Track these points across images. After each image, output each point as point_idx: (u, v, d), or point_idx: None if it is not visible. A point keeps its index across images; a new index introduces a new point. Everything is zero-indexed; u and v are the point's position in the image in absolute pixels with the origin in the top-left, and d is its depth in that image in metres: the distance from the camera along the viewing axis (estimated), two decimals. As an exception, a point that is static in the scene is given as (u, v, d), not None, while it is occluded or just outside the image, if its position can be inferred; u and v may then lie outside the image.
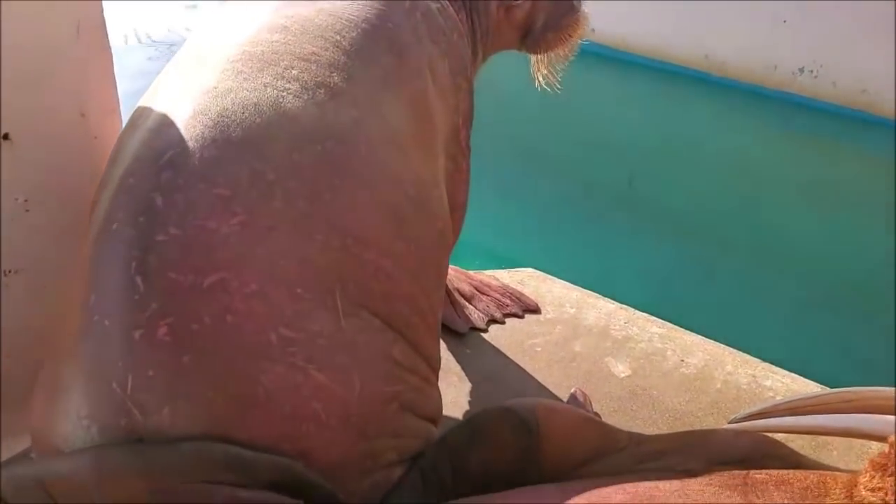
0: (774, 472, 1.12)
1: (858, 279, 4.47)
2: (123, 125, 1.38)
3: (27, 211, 1.53)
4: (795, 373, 2.17)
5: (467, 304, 2.32)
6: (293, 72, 1.31)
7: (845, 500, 0.99)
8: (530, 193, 5.43)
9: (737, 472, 1.13)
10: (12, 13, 1.38)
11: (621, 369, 2.15)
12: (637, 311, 2.45)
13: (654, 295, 2.56)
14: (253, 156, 1.19)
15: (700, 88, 8.04)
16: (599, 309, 2.45)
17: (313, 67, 1.34)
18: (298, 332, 1.11)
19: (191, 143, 1.17)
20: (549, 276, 2.64)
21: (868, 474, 1.03)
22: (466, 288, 2.38)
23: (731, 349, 2.29)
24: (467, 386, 2.02)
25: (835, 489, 1.02)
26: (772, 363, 2.22)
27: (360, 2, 1.54)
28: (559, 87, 2.36)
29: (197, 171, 1.14)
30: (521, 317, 2.36)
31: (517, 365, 2.11)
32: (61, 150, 1.55)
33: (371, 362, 1.20)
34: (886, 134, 6.86)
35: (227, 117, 1.21)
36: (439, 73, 1.69)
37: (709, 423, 1.93)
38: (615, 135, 6.91)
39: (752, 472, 1.12)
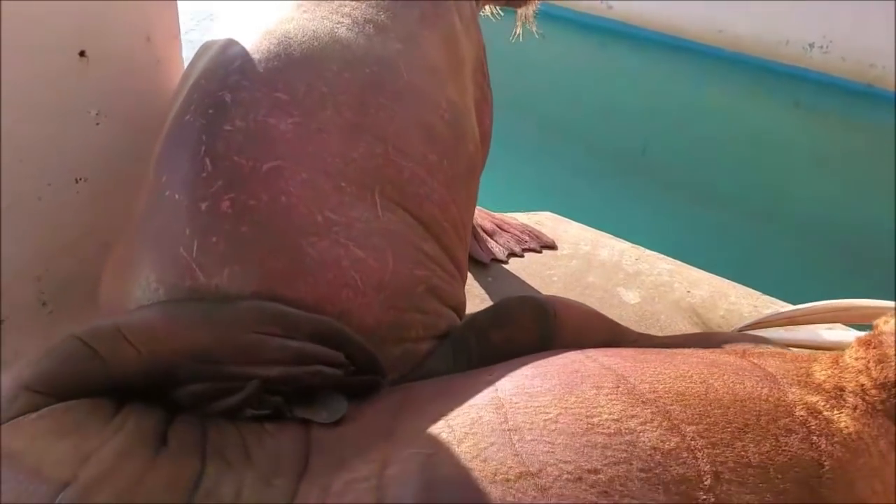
0: (770, 349, 1.22)
1: (860, 238, 4.53)
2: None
3: (97, 124, 1.62)
4: (796, 307, 2.25)
5: (489, 238, 2.42)
6: (345, 9, 1.46)
7: (831, 365, 1.08)
8: (550, 158, 5.50)
9: (737, 349, 1.23)
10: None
11: (632, 297, 2.24)
12: (647, 250, 2.54)
13: (663, 246, 2.64)
14: (309, 71, 1.31)
15: (713, 63, 8.04)
16: (612, 247, 2.54)
17: (363, 6, 1.49)
18: (341, 216, 1.23)
19: (257, 56, 1.30)
20: (566, 219, 2.73)
21: (853, 348, 1.13)
22: (489, 224, 2.48)
23: (735, 283, 2.38)
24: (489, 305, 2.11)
25: (822, 359, 1.12)
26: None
27: None
28: (537, 34, 2.49)
29: (261, 77, 1.27)
30: (539, 252, 2.45)
31: (536, 290, 2.21)
32: (129, 70, 1.64)
33: (403, 248, 1.32)
34: (891, 107, 6.87)
35: (289, 38, 1.34)
36: (463, 9, 1.84)
37: (712, 344, 2.02)
38: (631, 107, 6.96)
39: (749, 349, 1.22)
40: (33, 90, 1.48)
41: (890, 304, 1.48)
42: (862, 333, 1.21)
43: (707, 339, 1.43)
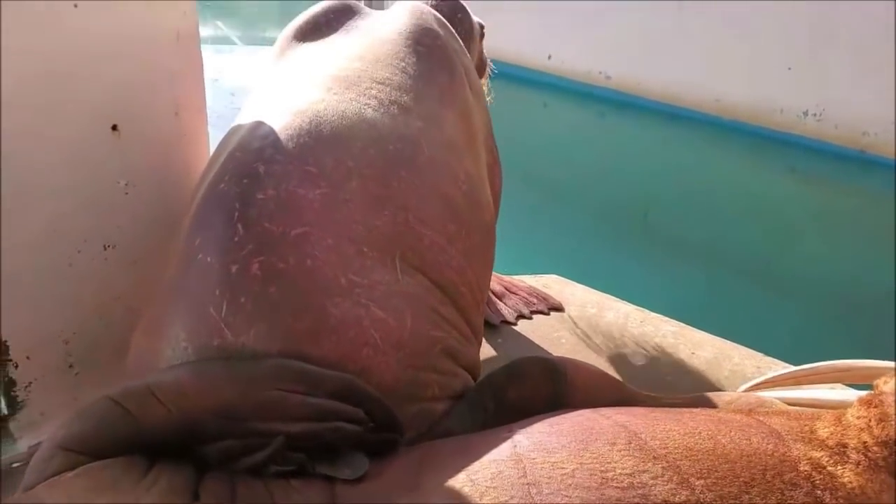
0: (774, 407, 1.25)
1: (859, 299, 4.57)
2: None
3: (126, 194, 1.69)
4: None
5: (499, 300, 2.47)
6: (372, 91, 1.58)
7: (834, 423, 1.12)
8: (555, 223, 5.59)
9: (743, 408, 1.26)
10: (126, 19, 1.57)
11: (637, 359, 2.28)
12: (651, 312, 2.59)
13: (666, 308, 2.69)
14: (337, 147, 1.41)
15: (711, 130, 8.21)
16: (618, 310, 2.59)
17: (387, 89, 1.61)
18: (363, 278, 1.30)
19: (289, 132, 1.40)
20: (571, 281, 2.78)
21: (855, 407, 1.16)
22: (498, 287, 2.53)
23: (738, 345, 2.41)
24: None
25: (825, 417, 1.15)
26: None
27: (412, 32, 1.83)
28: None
29: (293, 151, 1.36)
30: (547, 314, 2.50)
31: (545, 351, 2.25)
32: (158, 143, 1.72)
33: (421, 310, 1.38)
34: (886, 173, 6.98)
35: (319, 117, 1.44)
36: (472, 78, 1.97)
37: (718, 404, 2.05)
38: (632, 173, 7.09)
39: (755, 408, 1.26)
40: (68, 162, 1.56)
41: (890, 364, 1.52)
42: (863, 393, 1.25)
43: (713, 399, 1.47)
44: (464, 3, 2.32)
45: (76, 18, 1.47)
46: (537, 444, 1.05)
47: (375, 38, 1.80)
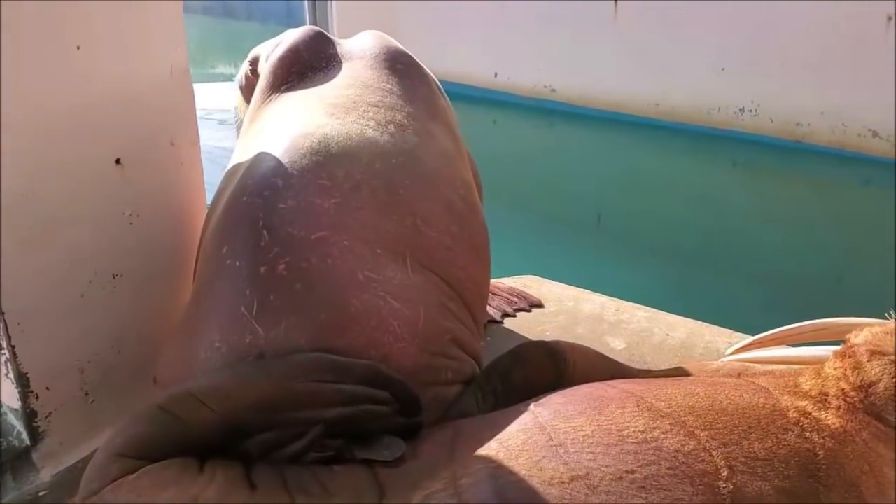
0: (758, 369, 1.36)
1: (806, 278, 4.77)
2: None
3: (131, 224, 1.73)
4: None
5: (482, 302, 2.55)
6: (369, 114, 1.70)
7: (814, 376, 1.22)
8: (520, 231, 5.71)
9: (732, 372, 1.36)
10: (124, 57, 1.64)
11: (618, 344, 2.37)
12: (624, 301, 2.69)
13: (630, 298, 2.79)
14: (346, 162, 1.53)
15: (654, 133, 8.44)
16: (593, 301, 2.69)
17: (382, 110, 1.73)
18: (378, 275, 1.40)
19: (301, 151, 1.51)
20: (547, 280, 2.88)
21: (831, 360, 1.28)
22: (479, 290, 2.62)
23: (709, 324, 2.53)
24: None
25: (806, 372, 1.26)
26: (742, 336, 2.45)
27: (383, 55, 1.95)
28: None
29: (306, 167, 1.47)
30: (529, 311, 2.59)
31: (531, 345, 2.33)
32: (157, 173, 1.78)
33: (432, 302, 1.49)
34: (822, 160, 7.28)
35: (327, 137, 1.56)
36: (441, 88, 2.08)
37: (696, 379, 2.15)
38: (584, 180, 7.25)
39: (743, 371, 1.36)
40: (77, 196, 1.61)
41: (860, 320, 1.62)
42: (834, 348, 1.36)
43: (700, 367, 1.56)
44: None
45: (78, 59, 1.53)
46: (556, 413, 1.13)
47: (356, 66, 1.92)
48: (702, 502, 0.95)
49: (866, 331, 1.31)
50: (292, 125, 1.63)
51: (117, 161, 1.67)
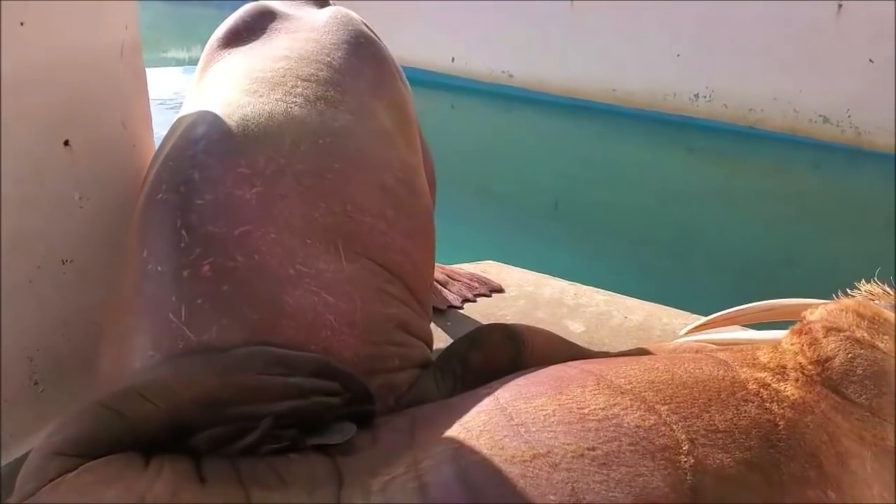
0: (715, 346, 1.38)
1: (757, 261, 4.88)
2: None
3: (81, 207, 1.68)
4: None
5: (443, 288, 2.54)
6: (298, 89, 1.59)
7: (772, 350, 1.25)
8: (478, 216, 5.72)
9: (691, 349, 1.38)
10: (72, 35, 1.58)
11: (577, 327, 2.39)
12: (583, 286, 2.72)
13: (588, 282, 2.82)
14: (268, 147, 1.43)
15: (611, 119, 8.53)
16: (553, 286, 2.71)
17: (313, 85, 1.62)
18: (310, 268, 1.34)
19: (219, 137, 1.41)
20: (507, 265, 2.89)
21: (788, 336, 1.30)
22: (441, 275, 2.61)
23: (665, 306, 2.56)
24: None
25: (764, 346, 1.28)
26: (698, 317, 2.49)
27: (333, 27, 1.86)
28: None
29: (224, 155, 1.38)
30: (489, 296, 2.59)
31: (492, 328, 2.33)
32: (107, 155, 1.72)
33: (369, 290, 1.43)
34: (773, 145, 7.43)
35: (247, 120, 1.46)
36: (401, 72, 2.01)
37: (654, 360, 2.18)
38: (541, 165, 7.30)
39: (701, 348, 1.38)
40: (24, 179, 1.55)
41: (808, 301, 1.66)
42: (779, 333, 1.39)
43: (660, 348, 1.59)
44: None
45: (23, 37, 1.47)
46: (517, 394, 1.13)
47: (299, 37, 1.81)
48: (663, 477, 0.96)
49: (821, 308, 1.34)
50: (213, 104, 1.53)
51: (66, 143, 1.61)
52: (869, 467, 1.10)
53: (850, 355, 1.21)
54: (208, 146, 1.39)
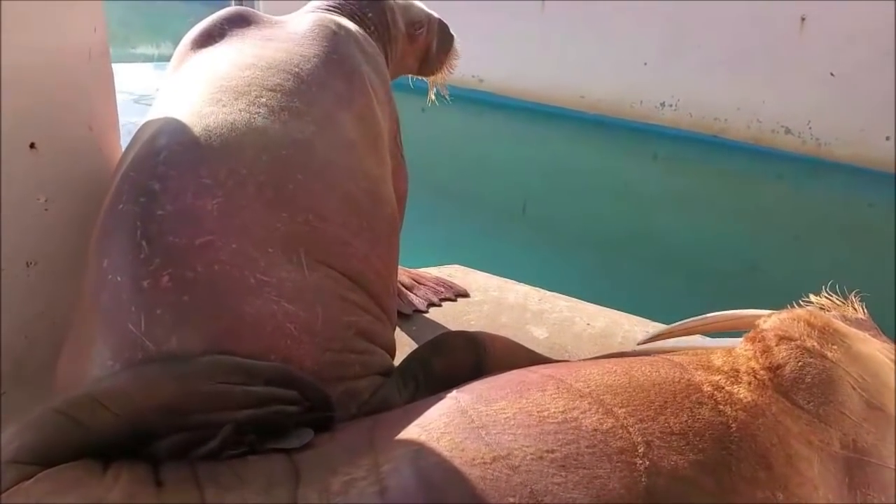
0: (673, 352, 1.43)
1: (722, 268, 4.99)
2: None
3: (46, 210, 1.68)
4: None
5: (409, 292, 2.57)
6: (262, 99, 1.59)
7: (725, 355, 1.30)
8: (447, 220, 5.76)
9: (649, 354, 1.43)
10: (39, 38, 1.58)
11: (540, 333, 2.44)
12: (547, 291, 2.77)
13: (552, 287, 2.88)
14: (229, 158, 1.44)
15: (578, 125, 8.63)
16: (517, 291, 2.75)
17: (278, 95, 1.62)
18: (271, 277, 1.35)
19: (181, 147, 1.42)
20: (472, 270, 2.93)
21: (742, 343, 1.36)
22: (406, 280, 2.64)
23: (627, 314, 2.62)
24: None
25: (718, 351, 1.34)
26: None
27: (309, 38, 1.86)
28: (448, 99, 2.78)
29: (185, 166, 1.39)
30: (455, 300, 2.63)
31: (457, 333, 2.37)
32: (74, 158, 1.72)
33: (330, 299, 1.45)
34: (736, 154, 7.60)
35: (209, 130, 1.47)
36: (377, 88, 2.01)
37: (616, 365, 2.24)
38: (509, 170, 7.36)
39: (658, 353, 1.43)
40: (-13, 182, 1.55)
41: (764, 312, 1.72)
42: (735, 340, 1.45)
43: (620, 355, 1.64)
44: (389, 3, 2.39)
45: (-11, 39, 1.47)
46: (478, 397, 1.16)
47: (270, 45, 1.81)
48: (619, 479, 1.00)
49: (774, 317, 1.40)
50: (177, 112, 1.53)
51: (32, 146, 1.61)
52: (816, 470, 1.15)
53: (800, 363, 1.27)
54: (169, 157, 1.39)
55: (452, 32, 2.76)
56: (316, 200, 1.51)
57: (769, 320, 1.40)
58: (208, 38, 1.89)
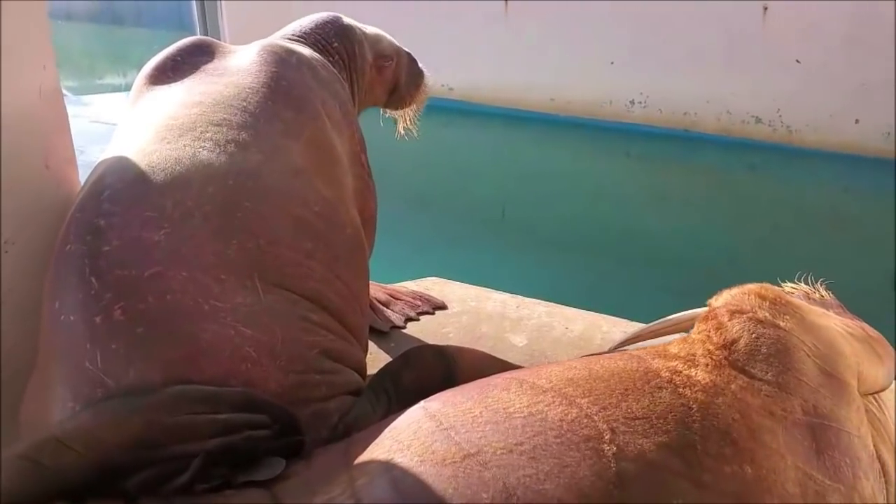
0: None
1: (697, 265, 5.07)
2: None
3: (6, 252, 1.71)
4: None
5: (385, 308, 2.62)
6: (207, 134, 1.65)
7: (681, 342, 1.36)
8: (423, 231, 5.81)
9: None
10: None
11: (519, 340, 2.49)
12: (525, 298, 2.82)
13: (534, 293, 2.93)
14: (175, 191, 1.49)
15: (550, 128, 8.73)
16: (495, 299, 2.80)
17: (224, 129, 1.69)
18: (226, 302, 1.39)
19: (122, 185, 1.48)
20: (449, 281, 2.98)
21: (697, 326, 1.42)
22: (382, 296, 2.68)
23: (605, 315, 2.68)
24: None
25: (674, 340, 1.40)
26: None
27: (256, 69, 1.92)
28: (417, 135, 2.84)
29: (129, 202, 1.45)
30: (433, 313, 2.67)
31: (434, 345, 2.41)
32: (31, 198, 1.76)
33: (289, 320, 1.49)
34: (708, 147, 7.73)
35: (153, 166, 1.53)
36: (332, 112, 2.06)
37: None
38: (485, 176, 7.43)
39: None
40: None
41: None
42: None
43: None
44: (354, 27, 2.46)
45: (-62, 84, 1.51)
46: (445, 402, 1.21)
47: (220, 81, 1.87)
48: (589, 466, 1.05)
49: (725, 293, 1.46)
50: (123, 151, 1.59)
51: (-11, 189, 1.65)
52: (781, 440, 1.21)
53: (754, 335, 1.33)
54: (113, 195, 1.45)
55: (423, 68, 2.83)
56: (266, 226, 1.56)
57: (721, 297, 1.46)
58: (162, 73, 1.94)
